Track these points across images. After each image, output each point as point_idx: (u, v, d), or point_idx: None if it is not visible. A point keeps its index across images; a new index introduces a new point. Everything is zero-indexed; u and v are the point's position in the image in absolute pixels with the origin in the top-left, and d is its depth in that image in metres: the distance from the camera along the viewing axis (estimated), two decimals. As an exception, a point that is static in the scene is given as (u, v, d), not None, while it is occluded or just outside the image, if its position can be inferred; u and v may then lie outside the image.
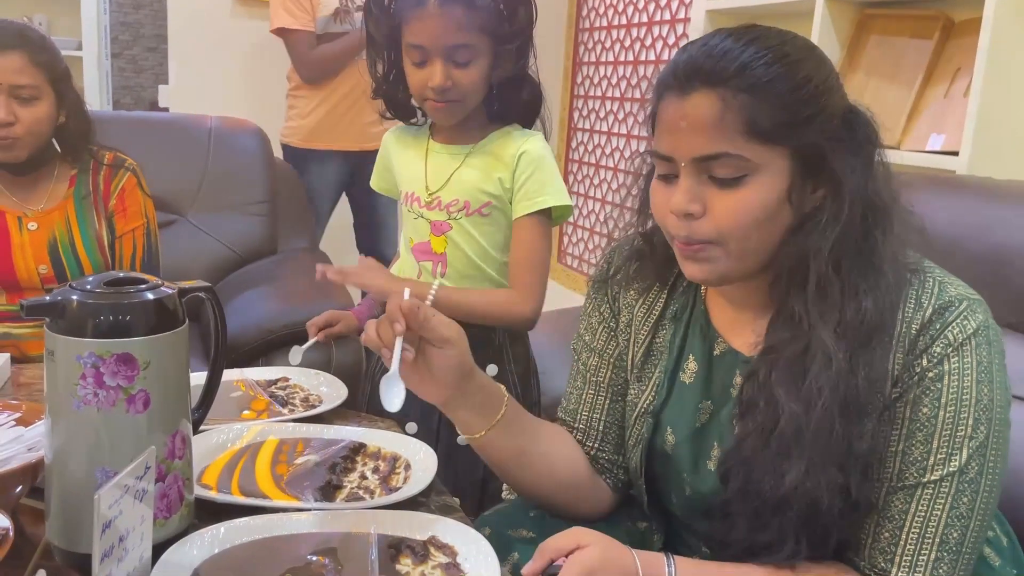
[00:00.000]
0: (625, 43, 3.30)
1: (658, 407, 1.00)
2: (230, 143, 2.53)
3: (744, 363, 0.94)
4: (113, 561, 0.71)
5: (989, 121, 1.61)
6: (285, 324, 1.92)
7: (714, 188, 0.85)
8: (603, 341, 1.07)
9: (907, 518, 0.84)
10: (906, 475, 0.84)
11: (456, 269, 1.44)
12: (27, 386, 1.30)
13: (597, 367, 1.07)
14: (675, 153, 0.86)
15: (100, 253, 1.70)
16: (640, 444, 1.01)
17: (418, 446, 1.09)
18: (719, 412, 0.96)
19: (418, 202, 1.46)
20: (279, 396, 1.27)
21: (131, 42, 6.23)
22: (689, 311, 1.01)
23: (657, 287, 1.03)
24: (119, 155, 1.75)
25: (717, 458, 0.94)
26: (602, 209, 3.48)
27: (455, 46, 1.32)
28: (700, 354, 0.99)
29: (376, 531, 0.88)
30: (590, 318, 1.09)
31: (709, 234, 0.85)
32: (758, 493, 0.85)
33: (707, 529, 0.99)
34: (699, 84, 0.83)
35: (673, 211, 0.86)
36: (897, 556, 0.84)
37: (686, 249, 0.88)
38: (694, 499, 0.98)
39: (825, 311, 0.84)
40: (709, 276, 0.89)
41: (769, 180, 0.84)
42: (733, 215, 0.84)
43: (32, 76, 1.57)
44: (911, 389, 0.84)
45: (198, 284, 0.90)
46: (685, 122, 0.84)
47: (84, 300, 0.79)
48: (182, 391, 0.85)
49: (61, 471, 0.81)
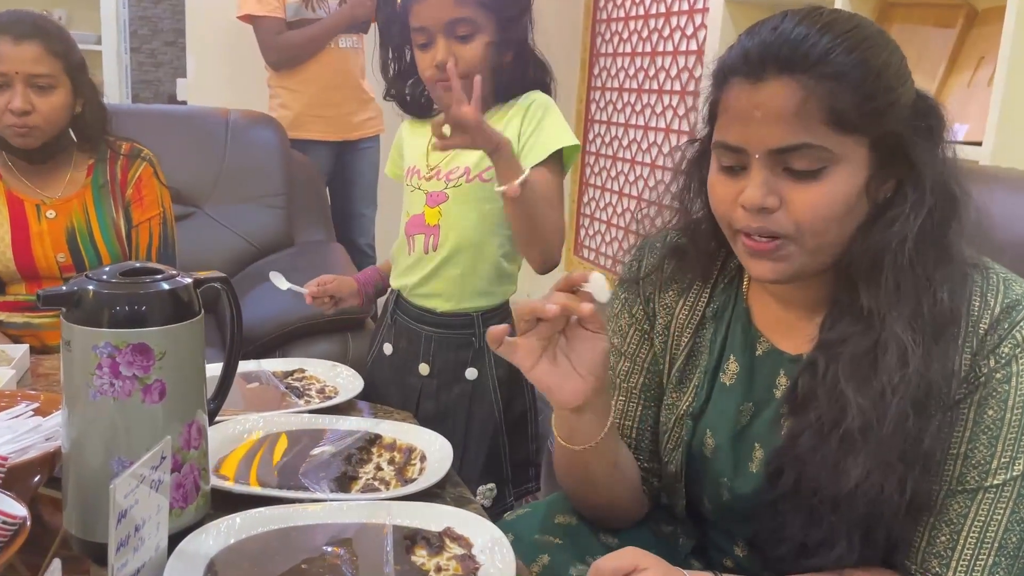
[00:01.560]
0: (643, 34, 3.28)
1: (698, 410, 0.96)
2: (247, 136, 2.54)
3: (790, 363, 0.91)
4: (129, 550, 0.71)
5: (1013, 110, 1.58)
6: (302, 316, 1.93)
7: (790, 181, 0.80)
8: (635, 345, 1.02)
9: (966, 522, 0.81)
10: (967, 478, 0.81)
11: (449, 241, 1.42)
12: (46, 376, 1.30)
13: (629, 372, 1.02)
14: (747, 144, 0.81)
15: (118, 242, 1.71)
16: (680, 447, 0.98)
17: (434, 437, 1.09)
18: (761, 413, 0.93)
19: (418, 174, 1.46)
20: (295, 387, 1.27)
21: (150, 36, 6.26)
22: (731, 309, 0.97)
23: (698, 285, 0.98)
24: (136, 145, 1.76)
25: (760, 460, 0.91)
26: (619, 201, 3.46)
27: (455, 20, 1.34)
28: (741, 354, 0.95)
29: (391, 522, 0.87)
30: (619, 320, 1.03)
31: (786, 229, 0.81)
32: (814, 491, 0.82)
33: (746, 531, 0.96)
34: (776, 71, 0.79)
35: (746, 205, 0.82)
36: (953, 561, 0.82)
37: (756, 246, 0.83)
38: (733, 502, 0.95)
39: (899, 304, 0.80)
40: (781, 275, 0.84)
41: (849, 171, 0.80)
42: (813, 209, 0.80)
43: (49, 66, 1.58)
44: (977, 390, 0.81)
45: (214, 275, 0.90)
46: (760, 111, 0.79)
47: (100, 290, 0.79)
48: (198, 381, 0.85)
49: (77, 461, 0.81)
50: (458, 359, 1.46)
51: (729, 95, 0.83)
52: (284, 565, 0.81)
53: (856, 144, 0.80)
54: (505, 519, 1.02)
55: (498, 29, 1.37)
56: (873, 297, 0.82)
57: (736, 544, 0.99)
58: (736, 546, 0.99)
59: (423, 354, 1.47)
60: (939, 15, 1.87)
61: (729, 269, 0.98)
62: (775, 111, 0.79)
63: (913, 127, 0.82)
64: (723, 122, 0.84)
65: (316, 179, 2.74)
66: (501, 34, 1.38)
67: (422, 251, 1.44)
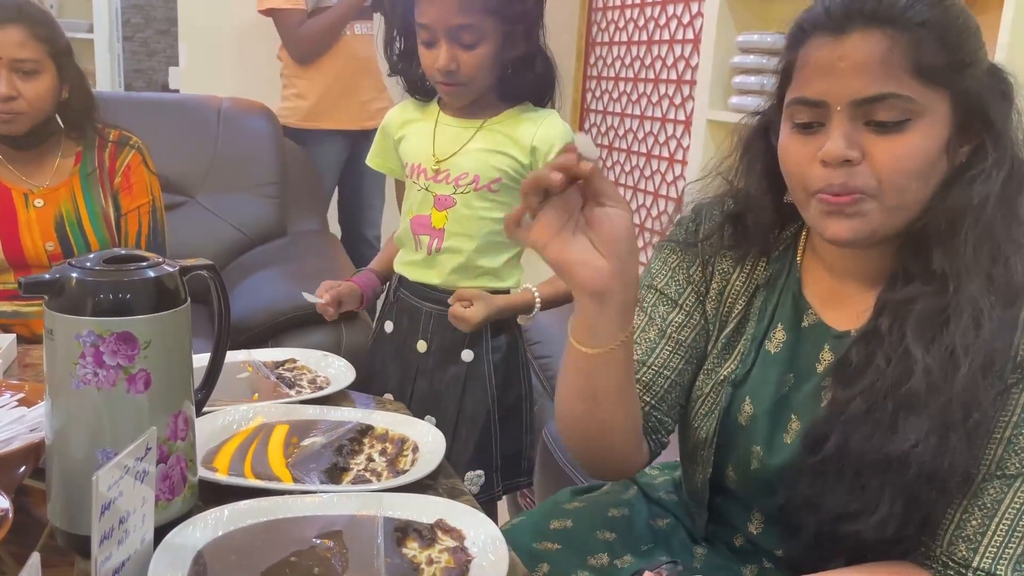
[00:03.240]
0: (639, 23, 3.26)
1: (740, 376, 0.95)
2: (240, 124, 2.52)
3: (836, 338, 0.90)
4: (113, 543, 0.69)
5: (1012, 99, 1.57)
6: (294, 306, 1.91)
7: (872, 134, 0.79)
8: (691, 303, 0.99)
9: (1000, 508, 0.80)
10: (1007, 463, 0.80)
11: (451, 246, 1.43)
12: (34, 366, 1.29)
13: (681, 325, 0.99)
14: (828, 96, 0.80)
15: (107, 230, 1.70)
16: (714, 413, 0.96)
17: (426, 428, 1.08)
18: (802, 386, 0.91)
19: (424, 174, 1.44)
20: (286, 377, 1.26)
21: (143, 25, 6.21)
22: (784, 277, 0.96)
23: (755, 254, 0.97)
24: (124, 133, 1.74)
25: (796, 431, 0.90)
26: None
27: (460, 27, 1.31)
28: (789, 324, 0.94)
29: (382, 514, 0.86)
30: (675, 275, 1.00)
31: (867, 184, 0.80)
32: (860, 455, 0.80)
33: (769, 503, 0.93)
34: (861, 23, 0.78)
35: (827, 159, 0.80)
36: (982, 547, 0.80)
37: (835, 202, 0.81)
38: (762, 471, 0.93)
39: (975, 267, 0.79)
40: (858, 234, 0.82)
41: (932, 126, 0.79)
42: (896, 162, 0.79)
43: (33, 50, 1.56)
44: None
45: (200, 262, 0.88)
46: (845, 63, 0.78)
47: (83, 278, 0.77)
48: (184, 371, 0.84)
49: (61, 452, 0.79)
50: (455, 339, 1.46)
51: (809, 50, 0.82)
52: (273, 557, 0.79)
53: (939, 98, 0.79)
54: (501, 529, 1.00)
55: (505, 37, 1.34)
56: (949, 259, 0.80)
57: (751, 520, 0.97)
58: (750, 522, 0.97)
59: (422, 331, 1.47)
60: (938, 3, 1.85)
61: (785, 237, 0.97)
62: (860, 61, 0.78)
63: (991, 90, 0.82)
64: (801, 78, 0.83)
65: (310, 168, 2.72)
66: (508, 41, 1.35)
67: (427, 252, 1.45)
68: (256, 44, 3.30)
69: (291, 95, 2.86)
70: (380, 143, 1.57)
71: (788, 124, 0.85)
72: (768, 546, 0.96)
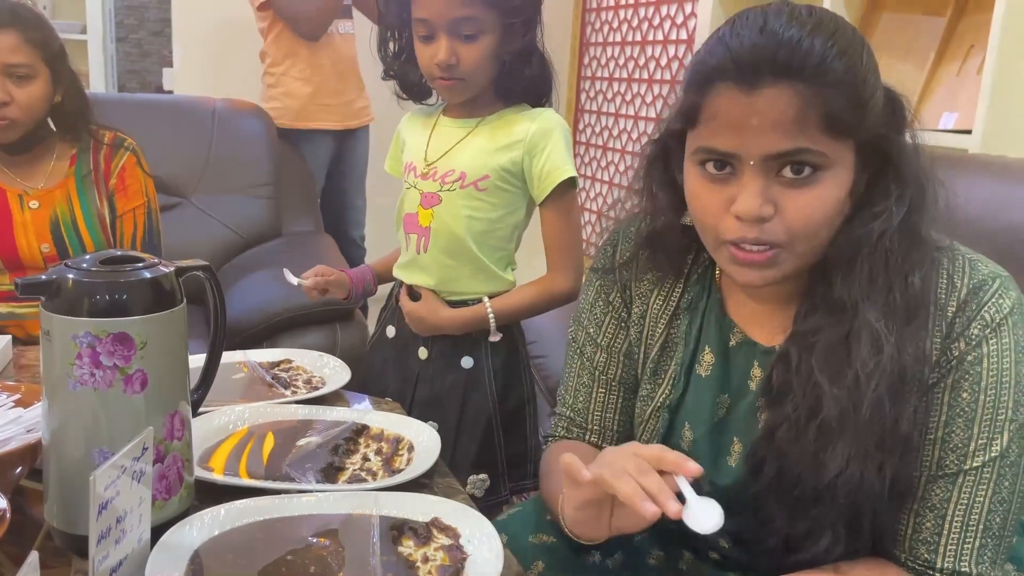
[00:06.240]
0: (632, 23, 3.27)
1: (675, 402, 0.95)
2: (234, 125, 2.52)
3: (764, 354, 0.91)
4: (110, 542, 0.70)
5: (1002, 99, 1.58)
6: (289, 307, 1.92)
7: (783, 187, 0.79)
8: (611, 334, 1.01)
9: (949, 507, 0.81)
10: (946, 463, 0.81)
11: (438, 245, 1.42)
12: (29, 368, 1.29)
13: (606, 364, 1.01)
14: (741, 151, 0.79)
15: (102, 232, 1.70)
16: (656, 439, 0.96)
17: (421, 427, 1.08)
18: (737, 405, 0.92)
19: (414, 172, 1.44)
20: (282, 378, 1.26)
21: (136, 26, 6.21)
22: (705, 300, 0.96)
23: (672, 277, 0.98)
24: (119, 135, 1.74)
25: (739, 453, 0.91)
26: (610, 192, 3.45)
27: (460, 19, 1.30)
28: (716, 346, 0.94)
29: (378, 513, 0.87)
30: (594, 308, 1.02)
31: (779, 238, 0.79)
32: (795, 483, 0.82)
33: (729, 525, 0.95)
34: (771, 76, 0.76)
35: (742, 215, 0.79)
36: (941, 547, 0.82)
37: (748, 257, 0.81)
38: (713, 495, 0.94)
39: (872, 293, 0.80)
40: (769, 281, 0.83)
41: (839, 175, 0.80)
42: (808, 216, 0.79)
43: (26, 55, 1.56)
44: (949, 374, 0.81)
45: (196, 263, 0.88)
46: (757, 119, 0.77)
47: (79, 279, 0.78)
48: (180, 371, 0.84)
49: (58, 452, 0.80)
50: (455, 346, 1.46)
51: (718, 101, 0.79)
52: (269, 556, 0.80)
53: (845, 148, 0.80)
54: (498, 519, 1.01)
55: (504, 30, 1.34)
56: (847, 288, 0.81)
57: (720, 538, 0.98)
58: (720, 539, 0.98)
59: (423, 337, 1.47)
60: (929, 3, 1.86)
61: (702, 260, 0.97)
62: (773, 119, 0.77)
63: (889, 124, 0.82)
64: (710, 129, 0.80)
65: (304, 169, 2.72)
66: (507, 35, 1.34)
67: (415, 251, 1.44)
68: (250, 45, 3.30)
69: (279, 94, 2.84)
70: (394, 148, 1.58)
71: (696, 168, 0.84)
72: (744, 560, 0.97)
